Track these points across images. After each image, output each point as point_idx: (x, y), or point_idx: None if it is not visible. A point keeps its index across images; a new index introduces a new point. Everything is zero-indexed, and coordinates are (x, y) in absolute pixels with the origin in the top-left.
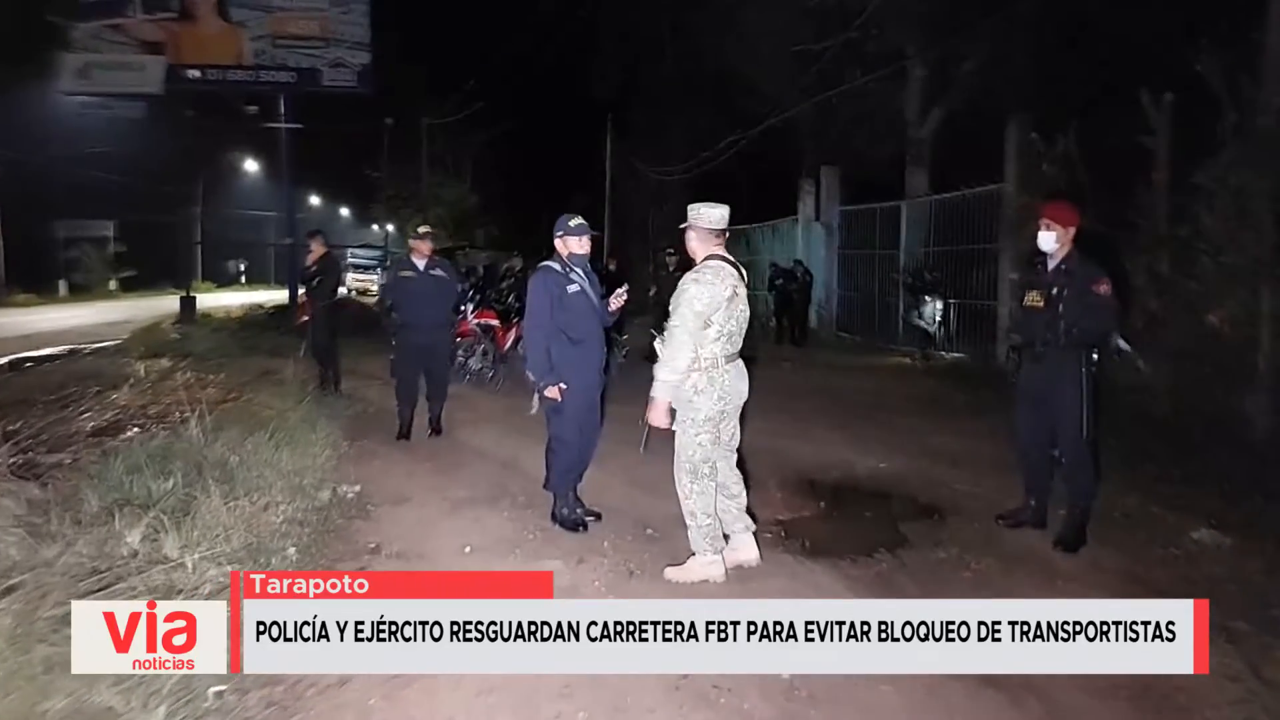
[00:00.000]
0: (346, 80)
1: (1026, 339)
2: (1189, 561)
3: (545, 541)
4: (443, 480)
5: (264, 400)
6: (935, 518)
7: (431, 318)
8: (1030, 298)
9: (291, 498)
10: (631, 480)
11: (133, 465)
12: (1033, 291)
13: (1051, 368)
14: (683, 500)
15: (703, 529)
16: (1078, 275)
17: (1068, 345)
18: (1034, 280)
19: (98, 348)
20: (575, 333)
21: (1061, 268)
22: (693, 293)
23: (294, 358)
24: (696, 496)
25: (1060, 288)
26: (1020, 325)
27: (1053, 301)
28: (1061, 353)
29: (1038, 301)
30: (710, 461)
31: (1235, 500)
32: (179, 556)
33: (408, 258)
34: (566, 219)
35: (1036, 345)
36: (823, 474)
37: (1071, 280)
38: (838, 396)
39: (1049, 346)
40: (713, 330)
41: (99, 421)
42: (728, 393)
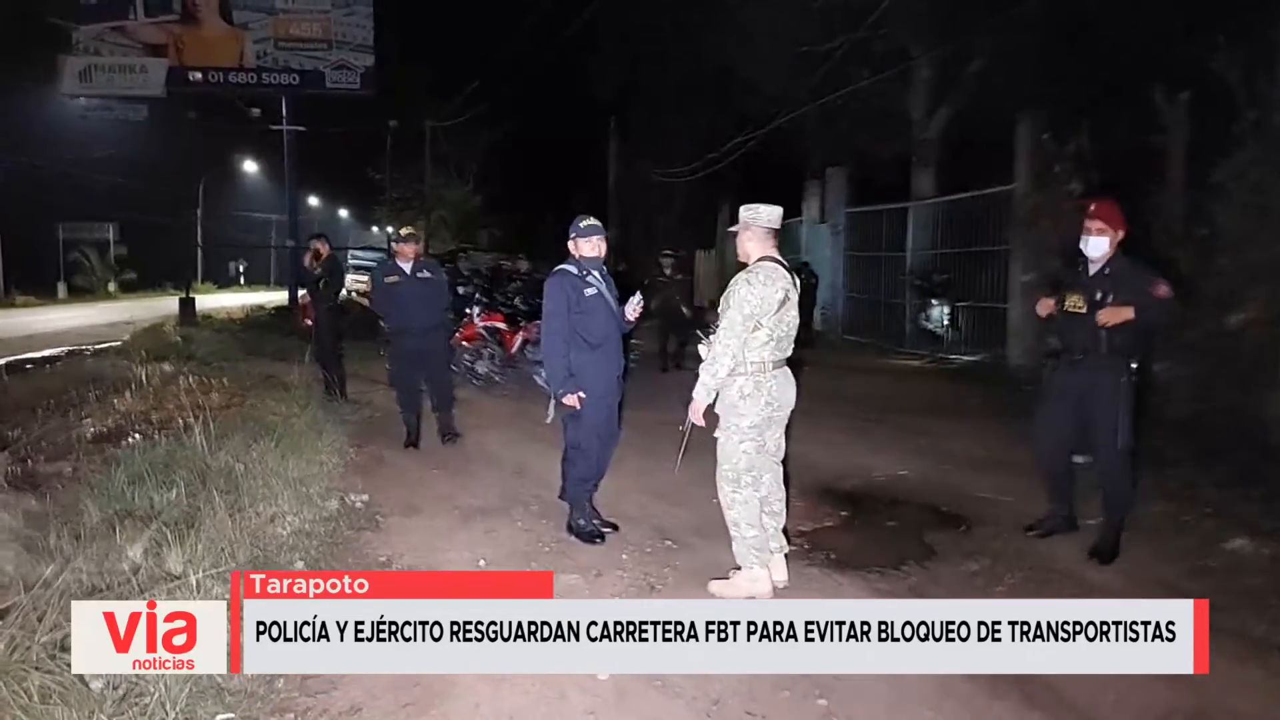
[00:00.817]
0: (349, 82)
1: (1066, 345)
2: (1227, 573)
3: (561, 554)
4: (453, 488)
5: (268, 405)
6: (962, 528)
7: (423, 321)
8: (1071, 302)
9: (298, 508)
10: (648, 488)
11: (134, 474)
12: (1074, 295)
13: (1090, 375)
14: (725, 510)
15: (748, 541)
16: (1126, 279)
17: (1110, 352)
18: (1074, 284)
19: (98, 349)
20: (593, 336)
21: (1105, 272)
22: (743, 294)
23: (298, 361)
24: (740, 506)
25: (1105, 293)
26: (1061, 330)
27: (1096, 307)
28: (1102, 360)
29: (1080, 307)
30: (754, 470)
31: (1268, 507)
32: (182, 571)
33: (393, 262)
34: (579, 220)
35: (1075, 352)
36: (842, 481)
37: (1118, 285)
38: (850, 400)
39: (1089, 354)
40: (762, 334)
41: (100, 427)
42: (775, 399)
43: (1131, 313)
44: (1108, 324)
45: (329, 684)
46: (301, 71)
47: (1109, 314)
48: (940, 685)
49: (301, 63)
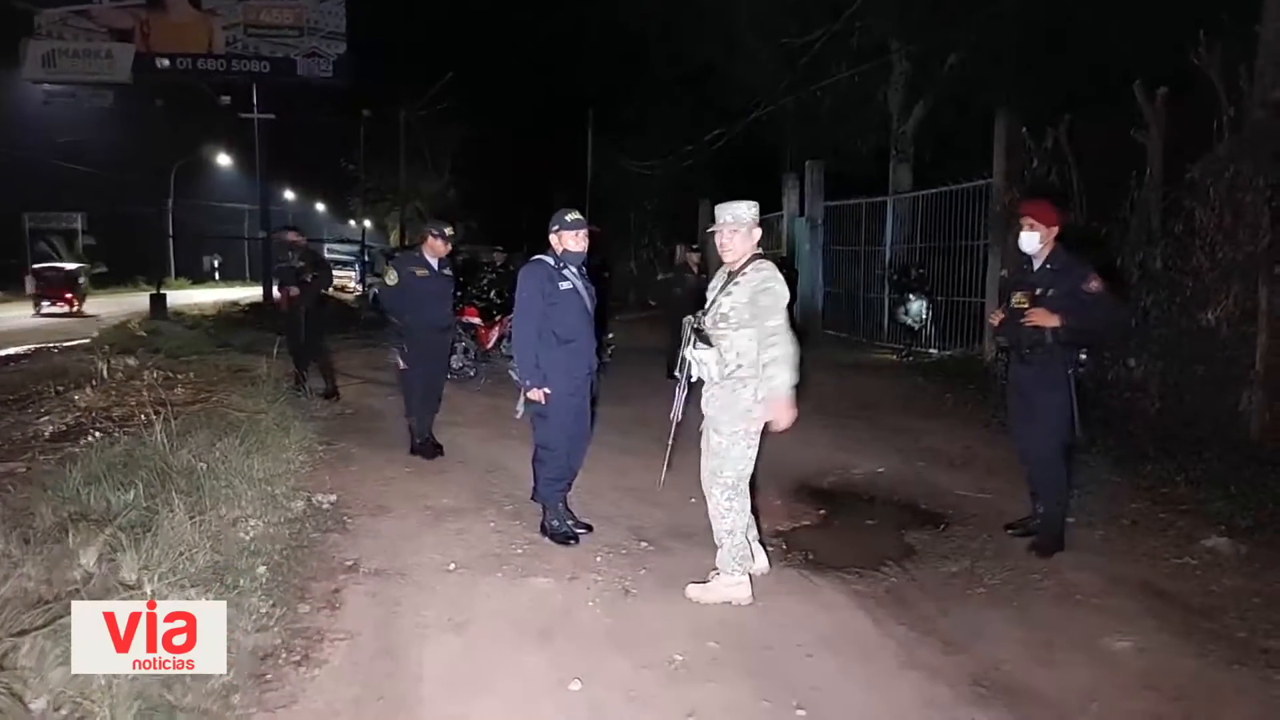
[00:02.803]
0: (322, 70)
1: (1013, 341)
2: (1206, 572)
3: (534, 556)
4: (423, 487)
5: (235, 401)
6: (940, 526)
7: (444, 320)
8: (1017, 298)
9: (262, 510)
10: (622, 487)
11: (91, 474)
12: (1019, 292)
13: (1038, 369)
14: (717, 518)
15: (735, 549)
16: (1065, 274)
17: (1054, 346)
18: (1020, 281)
19: (65, 346)
20: (563, 331)
21: (1048, 267)
22: (780, 291)
23: (267, 356)
24: (735, 515)
25: (1046, 288)
26: (1009, 328)
27: (1039, 302)
28: (1048, 354)
29: (1023, 303)
30: (748, 477)
31: (1242, 504)
32: (137, 580)
33: (419, 255)
34: (563, 213)
35: (1023, 347)
36: (820, 479)
37: (1059, 280)
38: (827, 395)
39: (1036, 348)
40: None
41: (58, 425)
42: None
43: (1057, 320)
44: (1035, 324)
45: (288, 698)
46: (272, 59)
47: (1037, 316)
48: (922, 694)
49: (272, 50)
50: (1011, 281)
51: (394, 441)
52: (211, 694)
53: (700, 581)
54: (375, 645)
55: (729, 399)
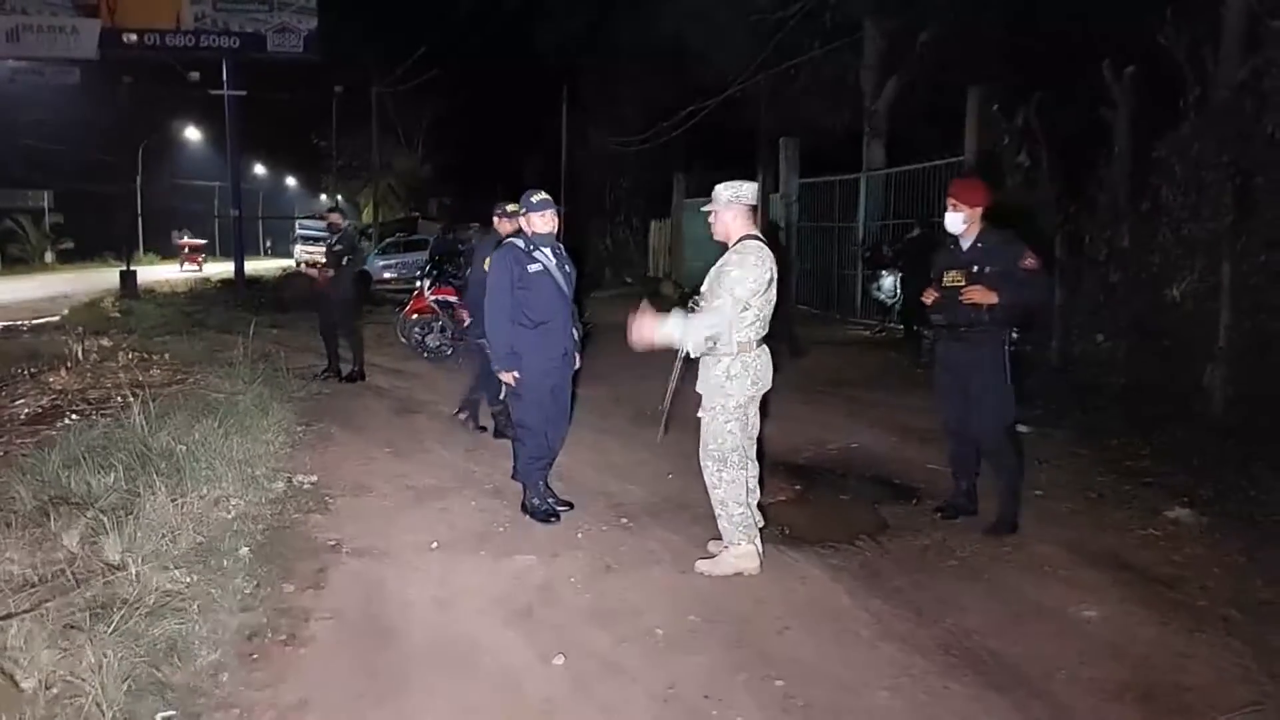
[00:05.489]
0: (292, 45)
1: (950, 320)
2: (1170, 542)
3: (516, 534)
4: (405, 467)
5: (212, 383)
6: (914, 501)
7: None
8: (950, 277)
9: (244, 490)
10: (603, 465)
11: (70, 457)
12: (952, 271)
13: (972, 348)
14: (711, 490)
15: (735, 519)
16: (999, 252)
17: (991, 325)
18: (951, 260)
19: (35, 325)
20: (535, 314)
21: (978, 245)
22: (736, 276)
23: (242, 335)
24: (727, 485)
25: (981, 266)
26: (943, 306)
27: (973, 280)
28: (984, 333)
29: (958, 281)
30: (740, 450)
31: (1204, 476)
32: (121, 561)
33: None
34: (530, 195)
35: (960, 326)
36: (796, 454)
37: (992, 258)
38: (802, 371)
39: (972, 327)
40: (750, 314)
41: (34, 408)
42: (760, 378)
43: (994, 297)
44: (973, 302)
45: (276, 677)
46: (242, 34)
47: (975, 294)
48: (896, 664)
49: (242, 24)
50: (942, 260)
51: (373, 422)
52: (200, 672)
53: (707, 556)
54: (360, 623)
55: (707, 374)
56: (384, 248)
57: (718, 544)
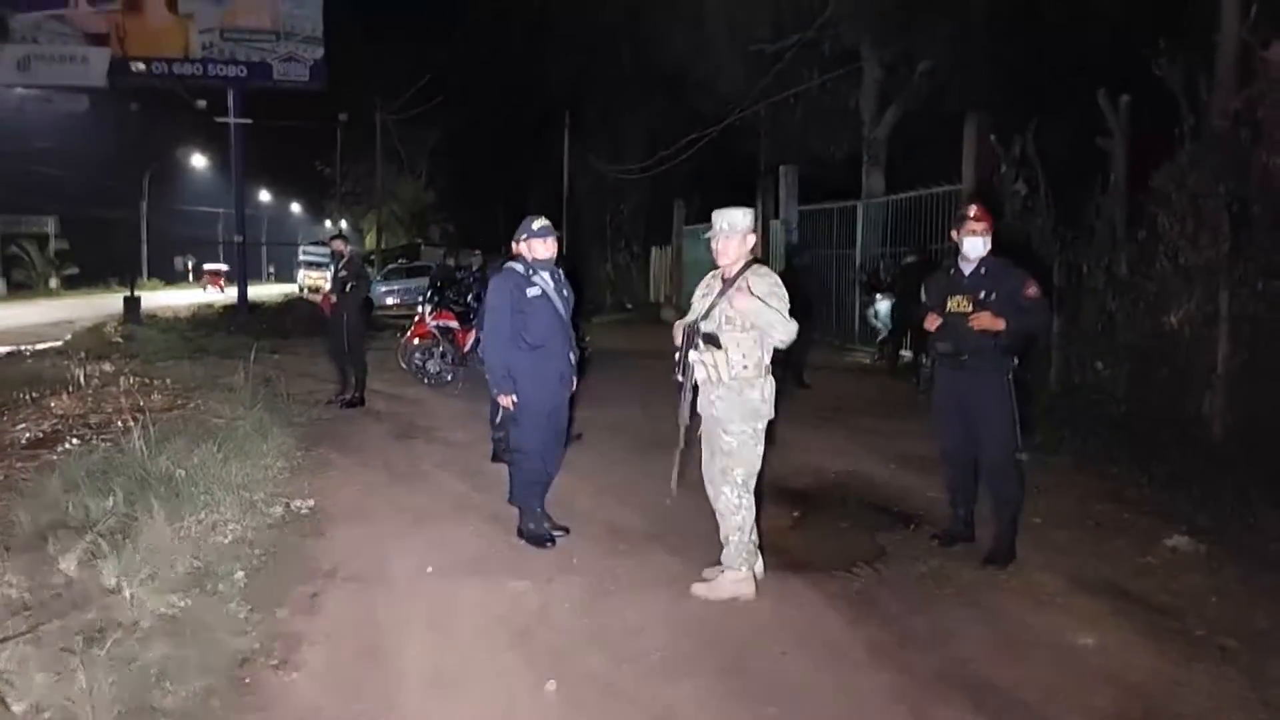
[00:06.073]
0: (298, 75)
1: (955, 346)
2: (1168, 571)
3: (512, 559)
4: (401, 492)
5: (213, 407)
6: (911, 527)
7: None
8: (954, 303)
9: (241, 515)
10: (600, 489)
11: (70, 481)
12: (957, 297)
13: (974, 376)
14: (728, 514)
15: (744, 545)
16: (1002, 279)
17: (997, 352)
18: (954, 286)
19: (37, 350)
20: (533, 338)
21: (982, 271)
22: (782, 295)
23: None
24: (745, 511)
25: (988, 292)
26: (948, 332)
27: (980, 307)
28: (989, 360)
29: (964, 307)
30: (756, 474)
31: (1203, 504)
32: (117, 585)
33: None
34: (530, 221)
35: (964, 352)
36: (794, 480)
37: (996, 284)
38: (801, 397)
39: (979, 354)
40: None
41: (35, 432)
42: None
43: (1003, 323)
44: (983, 328)
45: (267, 701)
46: (249, 63)
47: (985, 320)
48: (893, 692)
49: (249, 54)
50: (940, 285)
51: (372, 447)
52: (192, 697)
53: (702, 580)
54: (354, 648)
55: (736, 399)
56: (386, 273)
57: (714, 569)
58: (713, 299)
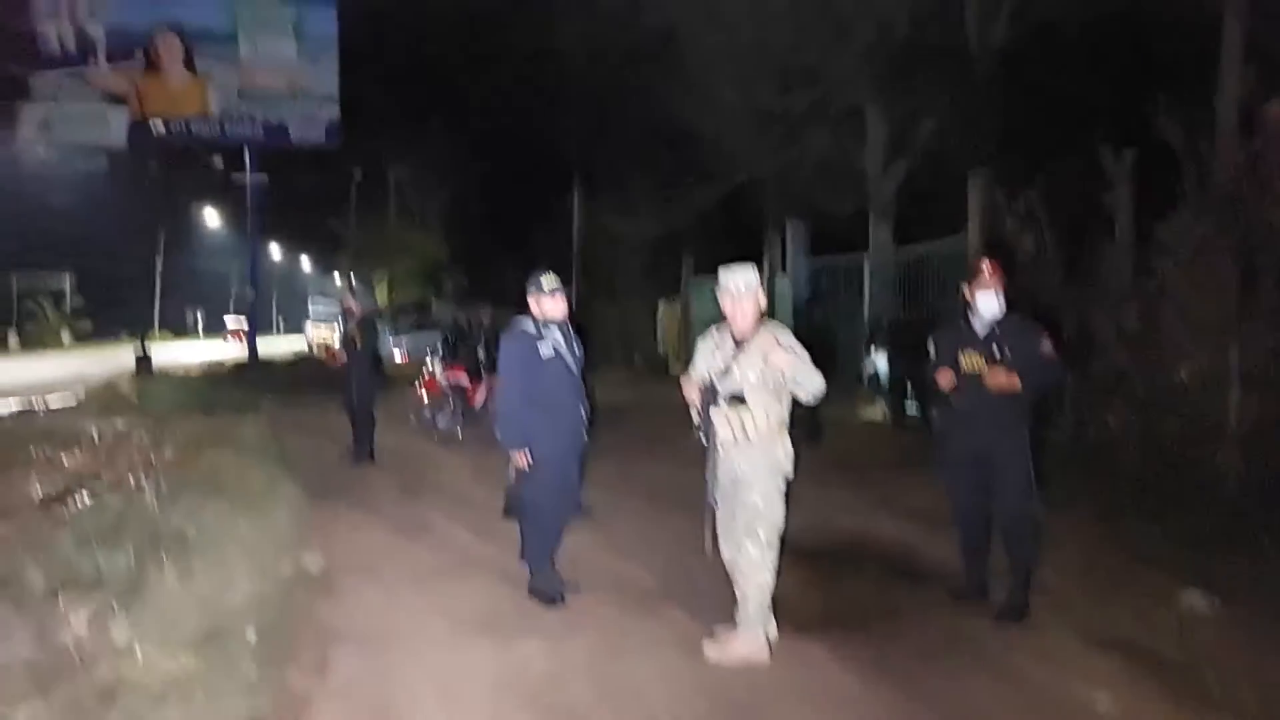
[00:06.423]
0: (315, 134)
1: (971, 404)
2: (1186, 630)
3: (523, 618)
4: (411, 547)
5: (224, 463)
6: (924, 585)
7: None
8: (967, 360)
9: (251, 572)
10: (610, 546)
11: (82, 538)
12: (970, 353)
13: (989, 434)
14: (751, 574)
15: (761, 606)
16: (1017, 335)
17: (1014, 409)
18: (966, 341)
19: (51, 405)
20: (547, 396)
21: (995, 328)
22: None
23: (253, 414)
24: (768, 571)
25: (1002, 348)
26: (962, 390)
27: (997, 364)
28: (1003, 416)
29: (979, 364)
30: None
31: (1218, 560)
32: (128, 644)
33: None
34: (538, 277)
35: (979, 411)
36: (804, 536)
37: (1010, 341)
38: (809, 452)
39: (993, 410)
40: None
41: (48, 488)
42: None
43: (1019, 382)
44: (998, 387)
45: None
46: (265, 122)
47: (1000, 379)
48: None
49: (266, 114)
50: (951, 341)
51: (381, 502)
52: None
53: (714, 640)
54: (364, 710)
55: (762, 457)
56: (397, 328)
57: (726, 629)
58: (726, 356)
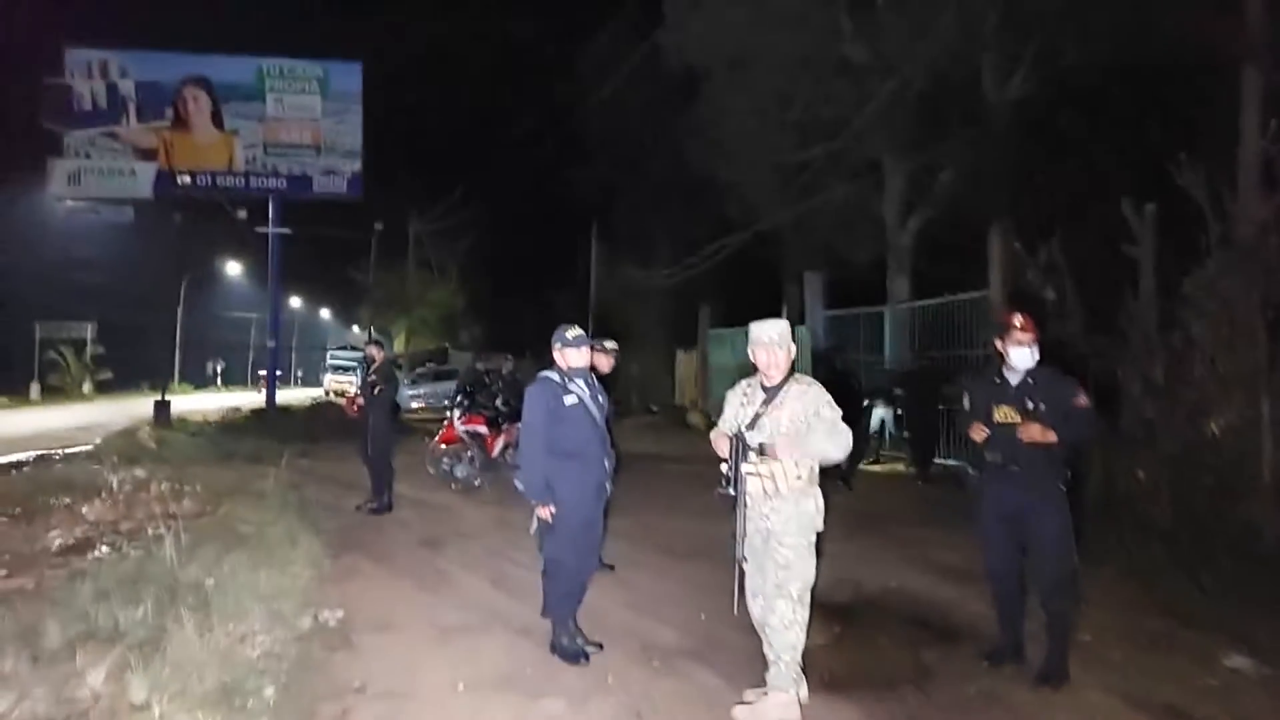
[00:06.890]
0: (337, 187)
1: (1007, 458)
2: (1231, 694)
3: (545, 676)
4: (431, 601)
5: (242, 514)
6: (956, 644)
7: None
8: (1003, 414)
9: (270, 626)
10: (633, 602)
11: (100, 590)
12: (1003, 406)
13: (1026, 489)
14: (781, 631)
15: (792, 665)
16: (1050, 388)
17: (1050, 464)
18: (999, 395)
19: (69, 454)
20: (570, 445)
21: (1030, 382)
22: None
23: (274, 465)
24: (798, 628)
25: (1036, 402)
26: (996, 443)
27: (1031, 417)
28: (1040, 471)
29: (1013, 417)
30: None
31: (1259, 618)
32: (146, 701)
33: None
34: (564, 330)
35: (1014, 464)
36: (832, 594)
37: (1044, 394)
38: (834, 505)
39: (1030, 465)
40: None
41: (66, 538)
42: None
43: (1054, 435)
44: (1033, 441)
45: None
46: (289, 176)
47: (1035, 432)
48: None
49: (290, 167)
50: (984, 394)
51: (400, 554)
52: None
53: (744, 702)
54: None
55: (794, 511)
56: (415, 377)
57: (756, 691)
58: (756, 409)
